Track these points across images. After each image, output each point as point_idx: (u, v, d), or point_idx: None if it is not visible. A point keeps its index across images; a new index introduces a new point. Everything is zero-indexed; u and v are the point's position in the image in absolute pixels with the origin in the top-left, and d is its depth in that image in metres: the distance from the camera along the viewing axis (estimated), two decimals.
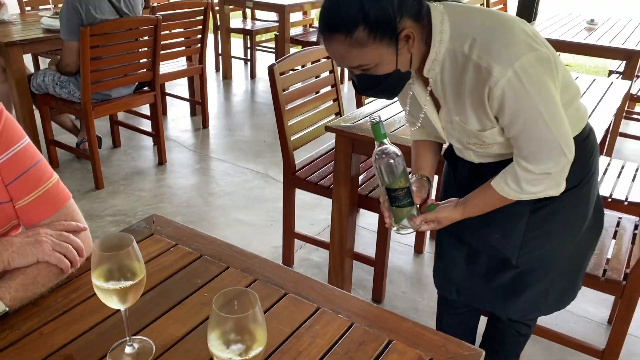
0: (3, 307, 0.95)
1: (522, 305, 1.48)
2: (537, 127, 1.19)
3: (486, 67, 1.14)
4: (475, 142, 1.30)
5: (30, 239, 1.00)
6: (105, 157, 3.44)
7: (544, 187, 1.27)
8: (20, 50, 2.94)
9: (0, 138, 1.05)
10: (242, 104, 4.64)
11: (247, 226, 2.76)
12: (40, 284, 1.01)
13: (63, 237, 1.05)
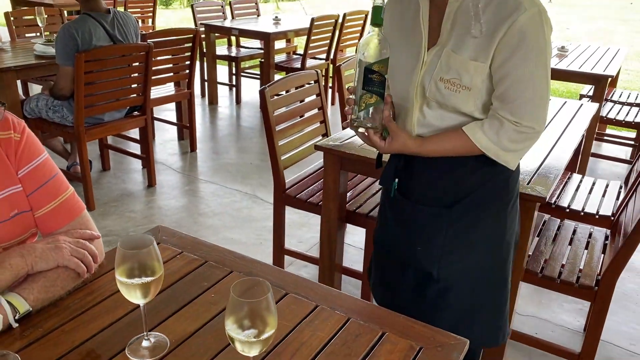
0: (27, 307, 1.02)
1: (447, 324, 1.21)
2: (541, 73, 1.23)
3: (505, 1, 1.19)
4: (451, 79, 1.27)
5: (50, 245, 1.08)
6: (95, 179, 3.50)
7: (511, 153, 1.30)
8: (14, 76, 3.02)
9: (23, 152, 1.14)
10: (228, 128, 4.74)
11: (237, 245, 2.84)
12: (59, 286, 1.09)
13: (80, 244, 1.13)
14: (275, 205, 2.43)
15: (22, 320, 1.02)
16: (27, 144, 1.16)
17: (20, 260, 1.02)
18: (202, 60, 5.29)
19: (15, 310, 1.00)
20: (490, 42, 1.23)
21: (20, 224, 1.16)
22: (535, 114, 1.26)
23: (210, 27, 4.97)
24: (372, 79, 1.24)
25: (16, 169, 1.14)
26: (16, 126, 1.15)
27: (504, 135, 1.27)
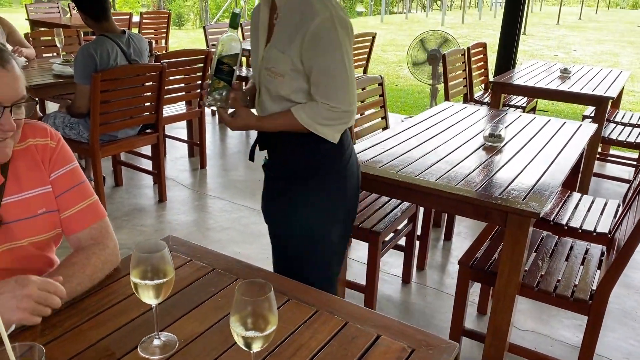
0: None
1: (288, 271, 1.68)
2: (338, 65, 1.55)
3: (312, 6, 1.52)
4: (271, 68, 1.58)
5: (12, 302, 1.03)
6: (108, 194, 3.61)
7: (326, 127, 1.60)
8: (32, 94, 3.13)
9: (57, 158, 1.29)
10: (237, 146, 4.86)
11: (243, 259, 2.90)
12: (74, 283, 1.18)
13: (42, 297, 1.06)
14: None
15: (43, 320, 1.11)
16: (61, 152, 1.31)
17: None
18: None
19: None
20: (294, 41, 1.55)
21: (46, 222, 1.28)
22: (339, 96, 1.58)
23: None
24: (221, 69, 1.58)
25: (49, 172, 1.28)
26: (53, 136, 1.31)
27: (318, 113, 1.58)
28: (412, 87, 8.06)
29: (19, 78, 1.13)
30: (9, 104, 1.10)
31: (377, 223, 2.36)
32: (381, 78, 3.18)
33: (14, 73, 1.11)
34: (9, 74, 1.10)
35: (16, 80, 1.11)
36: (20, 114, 1.15)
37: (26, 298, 1.01)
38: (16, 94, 1.11)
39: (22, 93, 1.13)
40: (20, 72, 1.14)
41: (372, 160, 2.17)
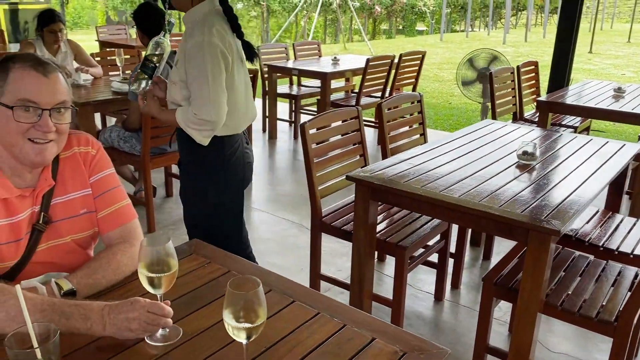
0: (70, 286, 1.24)
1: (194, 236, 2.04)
2: (203, 81, 1.92)
3: (191, 32, 1.97)
4: (169, 78, 2.08)
5: (124, 324, 1.12)
6: (158, 204, 3.82)
7: (194, 131, 2.00)
8: (92, 109, 3.41)
9: (96, 164, 1.45)
10: (285, 162, 5.00)
11: (279, 269, 2.98)
12: (100, 275, 1.31)
13: (150, 318, 1.13)
14: (312, 231, 2.59)
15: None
16: (100, 159, 1.47)
17: (100, 329, 1.11)
18: (264, 97, 5.63)
19: (60, 288, 1.22)
20: (180, 57, 2.01)
21: (87, 221, 1.43)
22: (203, 108, 1.95)
23: (273, 68, 5.31)
24: (146, 64, 1.99)
25: (89, 176, 1.44)
26: (94, 144, 1.48)
27: (189, 118, 1.98)
28: (465, 105, 7.99)
29: (60, 87, 1.27)
30: (48, 107, 1.25)
31: (405, 238, 2.39)
32: (420, 96, 3.23)
33: (55, 81, 1.26)
34: (49, 81, 1.25)
35: (56, 88, 1.26)
36: (61, 119, 1.29)
37: (136, 321, 1.10)
38: (55, 99, 1.26)
39: (61, 99, 1.27)
40: (64, 83, 1.29)
41: (399, 175, 2.22)
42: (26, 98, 1.22)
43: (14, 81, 1.23)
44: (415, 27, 23.85)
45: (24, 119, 1.23)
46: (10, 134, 1.24)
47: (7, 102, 1.23)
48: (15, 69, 1.23)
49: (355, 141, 2.77)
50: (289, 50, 6.15)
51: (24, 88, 1.23)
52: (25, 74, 1.23)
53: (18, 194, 1.30)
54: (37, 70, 1.24)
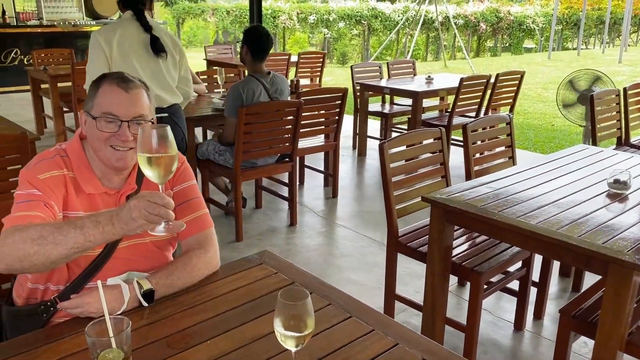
0: (149, 286, 1.37)
1: None
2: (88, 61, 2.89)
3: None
4: None
5: (127, 213, 1.22)
6: (247, 215, 4.03)
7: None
8: (193, 124, 3.68)
9: (180, 176, 1.60)
10: (371, 179, 5.05)
11: (356, 286, 3.06)
12: (176, 276, 1.44)
13: (151, 205, 1.20)
14: (387, 250, 2.61)
15: (149, 302, 1.37)
16: (183, 171, 1.62)
17: (111, 227, 1.23)
18: (355, 115, 5.73)
19: (141, 287, 1.36)
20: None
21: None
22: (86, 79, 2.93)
23: (365, 86, 5.40)
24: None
25: (172, 186, 1.59)
26: (179, 157, 1.59)
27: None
28: (569, 128, 7.57)
29: (140, 102, 1.45)
30: (127, 119, 1.42)
31: (482, 263, 2.34)
32: (509, 117, 3.14)
33: (135, 97, 1.44)
34: (130, 96, 1.43)
35: (136, 102, 1.43)
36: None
37: (136, 209, 1.18)
38: (133, 112, 1.43)
39: (139, 112, 1.44)
40: (145, 99, 1.47)
41: (477, 198, 2.19)
42: (108, 111, 1.41)
43: (101, 95, 1.43)
44: (522, 45, 22.93)
45: (106, 128, 1.42)
46: (96, 140, 1.44)
47: (94, 113, 1.43)
48: (103, 85, 1.43)
49: (437, 162, 2.76)
50: (383, 69, 6.21)
51: (107, 102, 1.42)
52: (109, 90, 1.42)
53: (103, 191, 1.48)
54: (121, 86, 1.42)
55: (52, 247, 1.24)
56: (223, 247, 3.51)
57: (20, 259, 1.26)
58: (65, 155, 1.47)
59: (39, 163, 1.44)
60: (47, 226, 1.27)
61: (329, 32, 18.86)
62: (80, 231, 1.25)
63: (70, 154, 1.48)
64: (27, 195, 1.37)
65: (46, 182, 1.40)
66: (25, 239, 1.25)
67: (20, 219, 1.32)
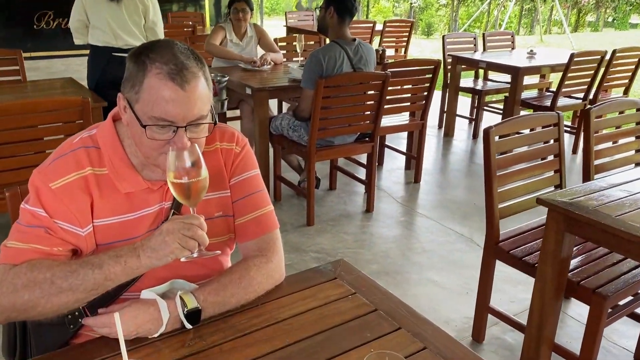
0: (195, 304, 1.08)
1: None
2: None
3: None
4: None
5: (159, 238, 1.04)
6: (320, 197, 3.71)
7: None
8: (267, 95, 3.38)
9: (239, 164, 1.28)
10: (459, 163, 4.57)
11: (439, 288, 2.67)
12: (229, 292, 1.13)
13: (187, 225, 1.05)
14: (484, 256, 2.20)
15: (194, 324, 1.08)
16: (244, 158, 1.29)
17: (136, 261, 1.03)
18: (444, 91, 5.23)
19: (184, 304, 1.07)
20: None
21: (221, 226, 1.27)
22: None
23: (458, 59, 4.88)
24: None
25: (229, 177, 1.27)
26: (239, 141, 1.29)
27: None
28: None
29: (199, 99, 1.08)
30: (183, 124, 1.07)
31: (606, 283, 1.88)
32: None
33: (194, 92, 1.07)
34: (186, 94, 1.05)
35: (195, 101, 1.07)
36: (199, 133, 1.12)
37: (172, 234, 1.02)
38: (192, 114, 1.07)
39: (198, 113, 1.08)
40: (204, 91, 1.09)
41: (610, 205, 1.73)
42: (161, 117, 1.05)
43: (149, 90, 1.05)
44: (628, 20, 20.88)
45: (158, 136, 1.08)
46: (144, 146, 1.10)
47: (141, 113, 1.07)
48: (151, 73, 1.05)
49: (551, 153, 2.29)
50: (478, 41, 5.62)
51: (158, 105, 1.05)
52: (161, 85, 1.04)
53: (145, 187, 1.17)
54: (175, 80, 1.04)
55: (68, 295, 1.03)
56: (292, 230, 3.21)
57: (26, 310, 1.04)
58: (92, 146, 1.15)
59: (53, 162, 1.13)
60: (57, 269, 1.04)
61: (416, 1, 17.98)
62: (100, 270, 1.03)
63: (102, 143, 1.16)
64: (29, 217, 1.09)
65: (58, 194, 1.09)
66: (29, 285, 1.03)
67: (14, 255, 1.07)
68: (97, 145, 1.16)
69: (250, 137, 3.66)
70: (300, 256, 2.93)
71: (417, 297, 2.58)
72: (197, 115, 1.08)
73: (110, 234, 1.14)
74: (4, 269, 1.05)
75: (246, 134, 3.90)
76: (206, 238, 1.05)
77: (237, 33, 4.16)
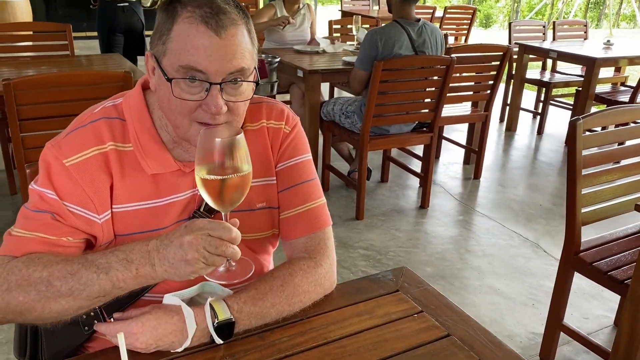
0: (228, 315, 0.89)
1: None
2: None
3: None
4: None
5: (181, 251, 0.81)
6: (371, 189, 3.47)
7: None
8: (319, 78, 3.16)
9: (288, 146, 1.07)
10: (522, 160, 4.23)
11: (502, 298, 2.40)
12: (269, 302, 0.93)
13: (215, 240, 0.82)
14: (561, 266, 1.92)
15: (225, 339, 0.88)
16: (294, 140, 1.08)
17: (150, 270, 0.84)
18: (507, 82, 4.87)
19: (215, 315, 0.87)
20: None
21: (264, 219, 1.07)
22: None
23: (525, 48, 4.51)
24: None
25: (276, 162, 1.07)
26: (290, 120, 1.09)
27: None
28: None
29: (239, 48, 0.87)
30: (218, 81, 0.86)
31: None
32: None
33: (230, 42, 0.86)
34: (221, 42, 0.85)
35: (232, 52, 0.86)
36: (237, 95, 0.90)
37: (193, 248, 0.79)
38: (228, 67, 0.86)
39: (237, 65, 0.87)
40: (245, 42, 0.88)
41: None
42: (189, 65, 0.85)
43: (177, 37, 0.85)
44: None
45: (187, 94, 0.87)
46: (172, 112, 0.90)
47: (167, 67, 0.87)
48: (181, 18, 0.85)
49: None
50: (547, 29, 5.21)
51: (186, 52, 0.85)
52: (191, 30, 0.85)
53: (176, 168, 0.97)
54: (208, 24, 0.84)
55: (68, 301, 0.84)
56: (339, 224, 3.00)
57: (21, 313, 0.86)
58: (116, 117, 0.96)
59: (69, 135, 0.94)
60: (55, 268, 0.85)
61: None
62: (106, 276, 0.83)
63: (128, 115, 0.96)
64: (37, 200, 0.92)
65: (73, 172, 0.91)
66: (22, 285, 0.85)
67: (15, 245, 0.90)
68: (122, 116, 0.97)
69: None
70: (347, 252, 2.71)
71: (477, 307, 2.32)
72: (235, 67, 0.87)
73: (131, 223, 0.96)
74: (1, 262, 0.88)
75: None
76: (238, 252, 0.83)
77: (288, 9, 3.95)
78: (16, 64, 3.08)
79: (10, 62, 3.20)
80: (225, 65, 0.86)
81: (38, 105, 1.95)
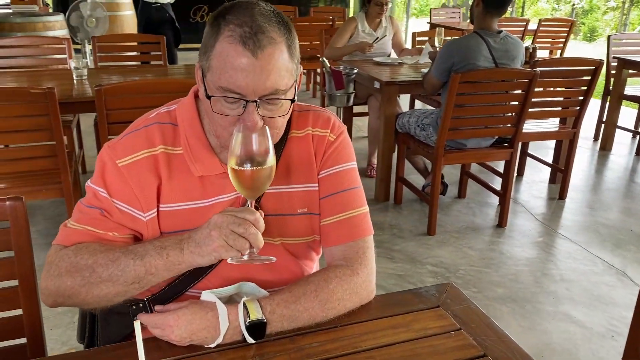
0: (260, 315, 0.92)
1: None
2: None
3: None
4: None
5: (205, 231, 0.89)
6: (446, 204, 3.39)
7: None
8: (396, 90, 3.15)
9: (332, 154, 1.09)
10: (615, 182, 3.93)
11: (578, 327, 2.24)
12: (302, 307, 0.95)
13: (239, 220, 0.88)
14: None
15: (257, 338, 0.91)
16: (338, 148, 1.10)
17: (178, 254, 0.91)
18: (604, 98, 4.56)
19: (247, 314, 0.90)
20: None
21: (305, 225, 1.09)
22: None
23: (625, 62, 4.21)
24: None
25: (319, 169, 1.09)
26: (335, 128, 1.11)
27: None
28: None
29: (275, 69, 0.90)
30: (254, 99, 0.90)
31: None
32: None
33: (267, 62, 0.88)
34: (257, 62, 0.88)
35: (268, 72, 0.89)
36: (274, 110, 0.94)
37: (219, 228, 0.87)
38: (263, 87, 0.89)
39: (273, 87, 0.90)
40: (281, 61, 0.90)
41: None
42: (227, 87, 0.90)
43: (219, 55, 0.89)
44: None
45: (226, 109, 0.92)
46: (215, 124, 0.96)
47: (210, 83, 0.92)
48: (223, 36, 0.89)
49: None
50: None
51: (225, 73, 0.89)
52: (230, 50, 0.88)
53: (222, 170, 1.01)
54: (246, 45, 0.88)
55: (108, 286, 0.93)
56: (409, 238, 2.95)
57: (70, 296, 0.96)
58: (168, 122, 1.03)
59: (124, 138, 1.02)
60: (100, 255, 0.93)
61: (580, 2, 16.41)
62: (141, 262, 0.91)
63: (180, 120, 1.03)
64: (91, 196, 1.01)
65: (124, 172, 0.98)
66: (71, 271, 0.94)
67: (67, 236, 0.99)
68: (175, 122, 1.04)
69: (376, 136, 3.46)
70: (415, 268, 2.66)
71: (548, 334, 2.19)
72: (270, 88, 0.90)
73: (176, 222, 1.01)
74: (55, 250, 0.98)
75: (372, 132, 3.73)
76: (261, 239, 0.88)
77: (370, 23, 3.96)
78: (123, 72, 3.34)
79: (118, 70, 3.46)
80: (261, 85, 0.89)
81: (125, 110, 2.11)
